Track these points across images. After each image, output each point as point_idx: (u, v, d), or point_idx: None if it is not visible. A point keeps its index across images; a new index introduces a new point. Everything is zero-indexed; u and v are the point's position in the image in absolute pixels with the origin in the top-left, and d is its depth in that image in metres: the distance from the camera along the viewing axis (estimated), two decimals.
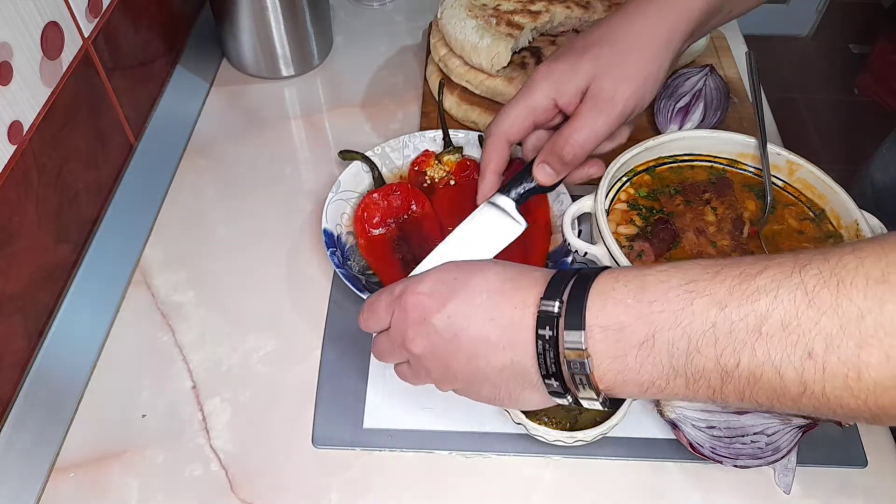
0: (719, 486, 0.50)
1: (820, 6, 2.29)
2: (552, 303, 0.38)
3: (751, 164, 0.62)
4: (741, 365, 0.33)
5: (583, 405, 0.40)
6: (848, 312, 0.30)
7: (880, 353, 0.30)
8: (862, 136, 1.99)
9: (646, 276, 0.36)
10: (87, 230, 0.65)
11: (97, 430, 0.54)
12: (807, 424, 0.49)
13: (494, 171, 0.54)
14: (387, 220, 0.62)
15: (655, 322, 0.35)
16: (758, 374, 0.32)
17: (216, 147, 0.74)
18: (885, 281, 0.30)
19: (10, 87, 0.51)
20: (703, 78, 0.71)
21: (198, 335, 0.59)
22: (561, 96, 0.51)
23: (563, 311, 0.37)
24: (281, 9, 0.74)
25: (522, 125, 0.53)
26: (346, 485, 0.51)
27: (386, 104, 0.79)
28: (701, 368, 0.34)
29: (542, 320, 0.38)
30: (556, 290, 0.38)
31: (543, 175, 0.53)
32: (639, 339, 0.35)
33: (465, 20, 0.71)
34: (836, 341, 0.30)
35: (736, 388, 0.33)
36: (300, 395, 0.55)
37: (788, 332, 0.31)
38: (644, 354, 0.35)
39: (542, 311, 0.38)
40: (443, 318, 0.40)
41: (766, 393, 0.33)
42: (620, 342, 0.36)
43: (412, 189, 0.63)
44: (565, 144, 0.51)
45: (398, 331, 0.43)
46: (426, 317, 0.41)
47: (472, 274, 0.41)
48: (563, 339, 0.37)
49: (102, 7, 0.65)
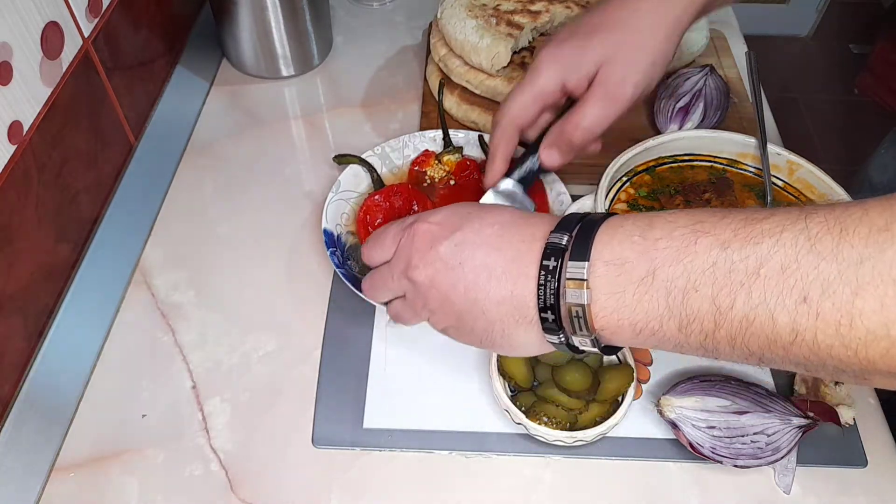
0: (719, 486, 0.50)
1: (820, 6, 2.29)
2: (561, 235, 0.38)
3: (751, 164, 0.62)
4: (736, 306, 0.32)
5: (577, 347, 0.39)
6: (848, 258, 0.30)
7: (875, 300, 0.29)
8: (862, 136, 1.99)
9: (654, 216, 0.37)
10: (87, 230, 0.65)
11: (97, 430, 0.54)
12: (807, 424, 0.49)
13: (504, 157, 0.55)
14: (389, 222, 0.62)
15: (657, 258, 0.35)
16: (751, 317, 0.32)
17: (216, 147, 0.74)
18: (888, 230, 0.30)
19: (10, 87, 0.51)
20: (703, 78, 0.71)
21: (198, 335, 0.59)
22: (569, 80, 0.51)
23: (571, 243, 0.37)
24: (281, 9, 0.74)
25: (531, 110, 0.53)
26: (346, 485, 0.51)
27: (386, 104, 0.79)
28: (696, 309, 0.34)
29: (549, 252, 0.38)
30: (567, 226, 0.38)
31: (552, 159, 0.54)
32: (639, 275, 0.35)
33: (465, 20, 0.71)
34: (832, 287, 0.30)
35: (728, 333, 0.33)
36: (300, 395, 0.55)
37: (787, 276, 0.31)
38: (642, 291, 0.35)
39: (550, 242, 0.38)
40: (450, 245, 0.41)
41: (757, 339, 0.33)
42: (621, 276, 0.36)
43: (413, 189, 0.63)
44: (575, 130, 0.51)
45: (402, 257, 0.43)
46: (434, 244, 0.41)
47: (486, 210, 0.42)
48: (566, 268, 0.37)
49: (102, 7, 0.65)
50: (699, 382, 0.51)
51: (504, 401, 0.50)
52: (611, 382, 0.51)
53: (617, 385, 0.51)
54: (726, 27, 0.86)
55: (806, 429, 0.49)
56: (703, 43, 0.77)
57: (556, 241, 0.38)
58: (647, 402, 0.54)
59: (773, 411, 0.49)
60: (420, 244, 0.42)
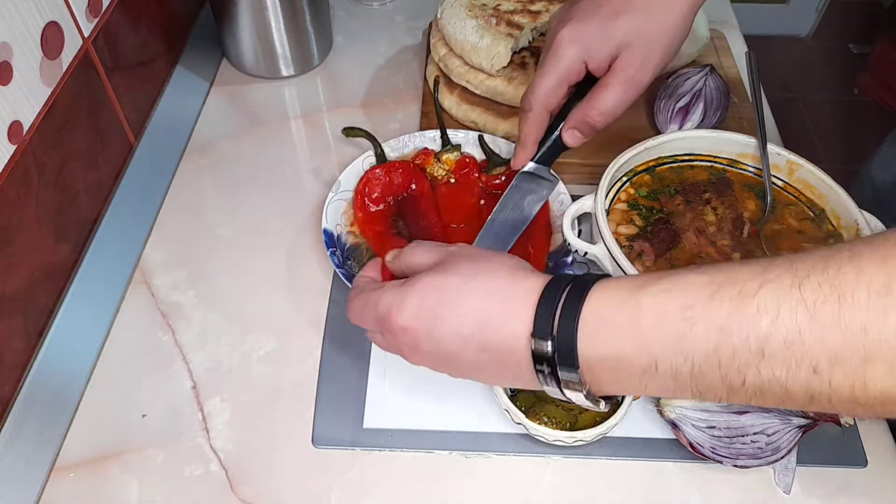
0: (719, 486, 0.50)
1: (820, 6, 2.29)
2: (544, 343, 0.37)
3: (751, 164, 0.62)
4: (747, 382, 0.32)
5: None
6: (851, 327, 0.30)
7: (884, 365, 0.29)
8: (862, 136, 1.99)
9: (639, 299, 0.35)
10: (87, 230, 0.65)
11: (97, 430, 0.54)
12: (807, 424, 0.49)
13: (535, 142, 0.58)
14: (386, 198, 0.63)
15: (655, 350, 0.34)
16: (764, 389, 0.32)
17: (216, 147, 0.74)
18: (889, 293, 0.29)
19: (10, 87, 0.51)
20: (703, 78, 0.71)
21: (198, 335, 0.59)
22: (591, 60, 0.52)
23: (556, 347, 0.36)
24: (281, 9, 0.74)
25: (559, 93, 0.54)
26: (346, 485, 0.51)
27: (386, 104, 0.79)
28: (706, 386, 0.34)
29: (538, 358, 0.37)
30: (546, 324, 0.37)
31: (574, 140, 0.56)
32: (641, 368, 0.35)
33: (465, 20, 0.71)
34: (840, 356, 0.30)
35: (744, 398, 0.34)
36: (300, 395, 0.55)
37: (793, 351, 0.31)
38: (648, 379, 0.35)
39: (536, 350, 0.37)
40: (433, 343, 0.40)
41: (773, 401, 0.33)
42: (621, 371, 0.36)
43: (414, 168, 0.64)
44: (598, 114, 0.52)
45: (394, 347, 0.43)
46: (417, 344, 0.41)
47: (455, 297, 0.40)
48: (559, 372, 0.37)
49: (102, 7, 0.65)
50: None
51: (504, 401, 0.50)
52: None
53: None
54: (726, 27, 0.86)
55: (806, 429, 0.49)
56: (703, 43, 0.77)
57: (540, 349, 0.37)
58: (647, 402, 0.54)
59: (773, 411, 0.49)
60: (403, 341, 0.41)
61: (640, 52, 0.50)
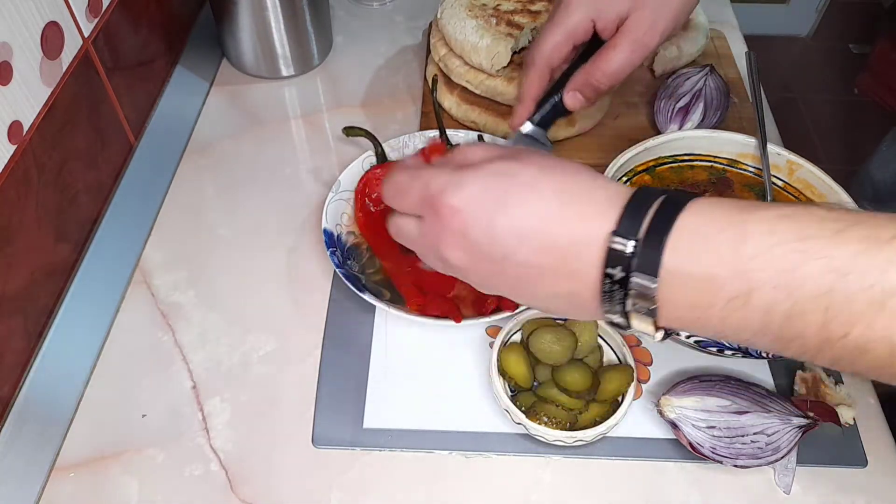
0: (719, 486, 0.50)
1: (820, 6, 2.29)
2: (625, 241, 0.32)
3: (751, 164, 0.62)
4: (851, 336, 0.29)
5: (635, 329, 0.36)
6: None
7: None
8: (862, 136, 1.99)
9: (746, 223, 0.31)
10: (87, 230, 0.65)
11: (97, 430, 0.54)
12: (807, 424, 0.49)
13: (534, 99, 0.54)
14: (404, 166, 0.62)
15: (754, 279, 0.30)
16: (868, 347, 0.29)
17: (216, 147, 0.74)
18: None
19: (9, 87, 0.51)
20: (703, 78, 0.71)
21: (198, 335, 0.59)
22: (600, 19, 0.51)
23: (638, 249, 0.32)
24: (281, 9, 0.74)
25: (564, 49, 0.53)
26: (346, 485, 0.51)
27: (386, 104, 0.79)
28: (798, 333, 0.30)
29: (613, 259, 0.33)
30: (633, 224, 0.32)
31: (575, 102, 0.53)
32: (730, 294, 0.31)
33: (465, 20, 0.71)
34: None
35: (833, 356, 0.30)
36: (300, 395, 0.55)
37: None
38: (731, 310, 0.31)
39: (613, 248, 0.33)
40: (487, 235, 0.35)
41: (867, 364, 0.30)
42: (707, 293, 0.31)
43: None
44: (602, 76, 0.51)
45: (433, 235, 0.38)
46: (466, 231, 0.36)
47: (526, 186, 0.36)
48: (632, 279, 0.32)
49: (102, 7, 0.65)
50: (699, 382, 0.51)
51: (504, 401, 0.50)
52: (611, 382, 0.51)
53: (617, 385, 0.51)
54: (726, 27, 0.86)
55: (806, 429, 0.49)
56: (703, 43, 0.77)
57: (619, 247, 0.32)
58: (647, 402, 0.54)
59: (773, 411, 0.50)
60: (451, 226, 0.36)
61: (650, 14, 0.50)
